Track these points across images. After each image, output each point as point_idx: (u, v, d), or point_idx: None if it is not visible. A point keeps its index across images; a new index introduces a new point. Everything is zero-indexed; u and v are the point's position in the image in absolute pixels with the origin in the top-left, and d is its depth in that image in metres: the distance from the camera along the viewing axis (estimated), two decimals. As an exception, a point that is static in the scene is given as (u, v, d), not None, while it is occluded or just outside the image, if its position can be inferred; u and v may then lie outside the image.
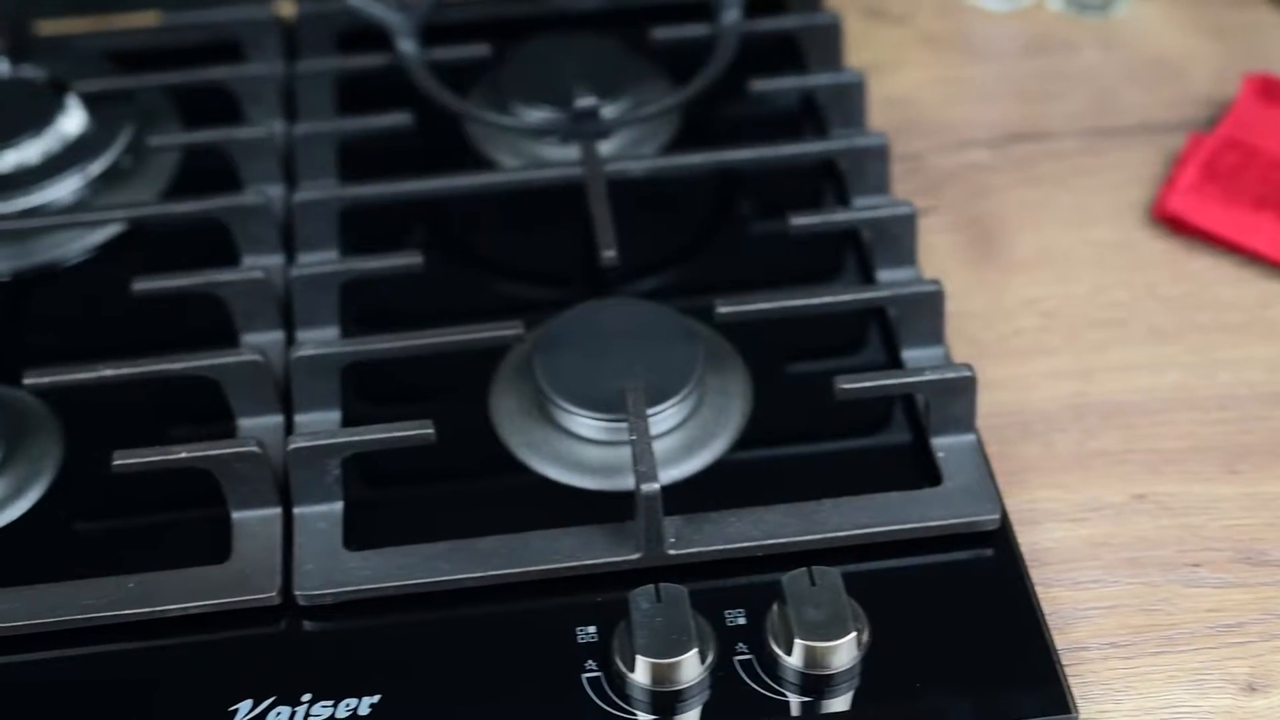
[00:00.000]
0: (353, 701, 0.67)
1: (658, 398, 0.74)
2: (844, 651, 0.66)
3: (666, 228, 0.88)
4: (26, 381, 0.75)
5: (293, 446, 0.71)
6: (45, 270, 0.88)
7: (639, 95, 0.91)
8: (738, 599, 0.70)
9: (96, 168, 0.89)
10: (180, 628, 0.70)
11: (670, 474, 0.73)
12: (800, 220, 0.81)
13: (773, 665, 0.67)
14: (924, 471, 0.74)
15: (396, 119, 0.88)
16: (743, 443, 0.76)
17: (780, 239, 0.82)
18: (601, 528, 0.71)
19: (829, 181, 0.89)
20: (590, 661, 0.68)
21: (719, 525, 0.71)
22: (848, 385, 0.73)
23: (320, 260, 0.82)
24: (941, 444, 0.74)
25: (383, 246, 0.83)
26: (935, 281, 0.77)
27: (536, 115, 0.89)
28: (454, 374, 0.79)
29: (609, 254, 0.78)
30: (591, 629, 0.69)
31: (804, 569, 0.68)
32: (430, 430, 0.71)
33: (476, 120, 0.89)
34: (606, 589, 0.70)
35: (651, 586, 0.67)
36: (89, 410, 0.78)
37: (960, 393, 0.73)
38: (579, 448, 0.75)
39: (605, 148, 0.87)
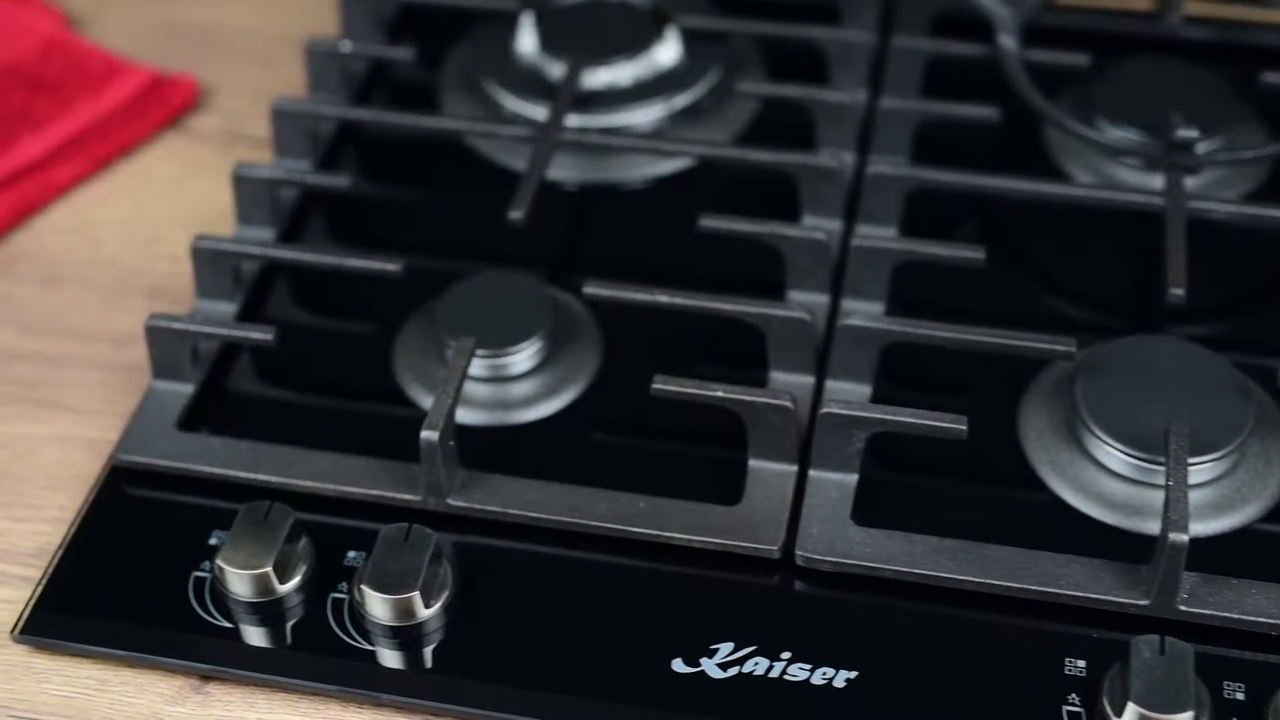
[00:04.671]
0: (829, 671, 0.68)
1: (1200, 448, 0.71)
2: (1348, 757, 0.63)
3: (1229, 275, 0.85)
4: (586, 291, 0.78)
5: (825, 411, 0.72)
6: (610, 188, 0.91)
7: (1232, 136, 0.87)
8: (1240, 673, 0.67)
9: (681, 101, 0.92)
10: (678, 556, 0.72)
11: (1195, 528, 0.71)
12: (1386, 300, 0.76)
13: (1265, 750, 0.64)
14: None
15: (983, 111, 0.87)
16: (1275, 515, 0.73)
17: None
18: (1112, 565, 0.70)
19: None
20: (1074, 695, 0.66)
21: (1237, 593, 0.68)
22: None
23: (881, 235, 0.83)
24: None
25: (935, 233, 0.83)
26: None
27: (1123, 135, 0.87)
28: (986, 376, 0.78)
29: (1177, 291, 0.75)
30: (1081, 663, 0.67)
31: (1322, 661, 0.64)
32: (963, 426, 0.71)
33: (1065, 129, 0.87)
34: (1104, 627, 0.68)
35: (1156, 637, 0.65)
36: (630, 328, 0.81)
37: None
38: (1105, 480, 0.73)
39: (1189, 183, 0.84)
